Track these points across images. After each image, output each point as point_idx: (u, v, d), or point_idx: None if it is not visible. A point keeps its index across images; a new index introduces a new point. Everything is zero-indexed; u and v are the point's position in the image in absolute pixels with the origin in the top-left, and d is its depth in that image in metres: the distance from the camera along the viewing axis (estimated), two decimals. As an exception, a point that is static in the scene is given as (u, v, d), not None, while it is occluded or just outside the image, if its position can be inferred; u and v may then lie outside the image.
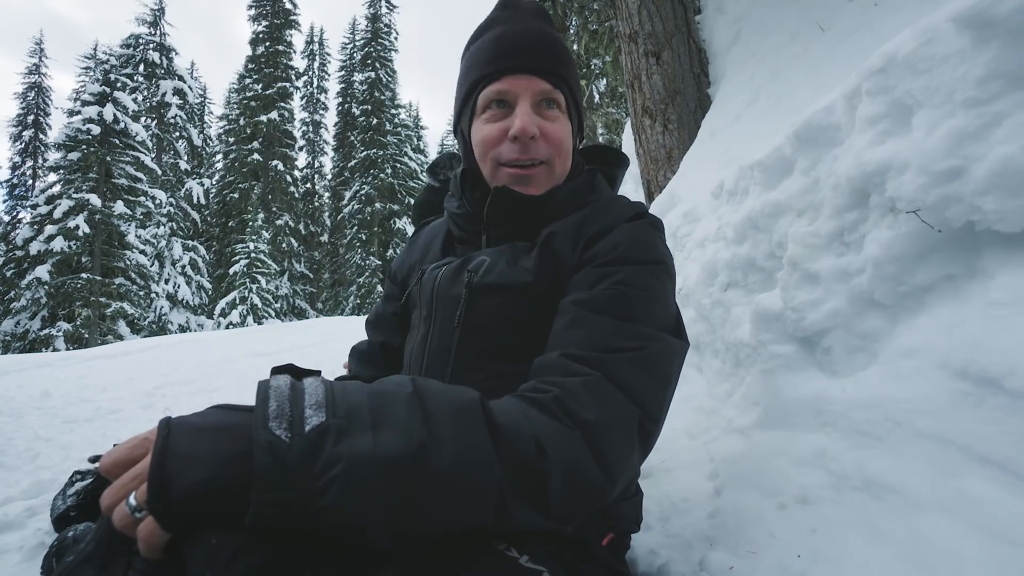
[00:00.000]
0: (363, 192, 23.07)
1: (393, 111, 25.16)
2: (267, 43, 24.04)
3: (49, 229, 14.84)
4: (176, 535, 0.42)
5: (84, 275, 14.95)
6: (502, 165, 0.78)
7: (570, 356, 0.62)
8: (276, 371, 0.54)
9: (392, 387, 0.51)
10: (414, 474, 0.45)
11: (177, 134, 21.42)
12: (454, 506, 0.47)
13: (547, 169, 0.79)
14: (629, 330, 0.63)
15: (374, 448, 0.44)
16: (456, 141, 0.89)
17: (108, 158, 15.96)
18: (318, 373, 0.55)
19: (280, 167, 23.20)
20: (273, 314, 19.37)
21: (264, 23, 24.27)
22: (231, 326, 17.67)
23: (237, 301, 18.77)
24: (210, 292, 20.29)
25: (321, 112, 28.27)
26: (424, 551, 0.51)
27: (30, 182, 24.54)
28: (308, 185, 26.78)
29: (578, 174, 0.87)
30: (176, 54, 21.71)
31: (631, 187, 4.06)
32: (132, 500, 0.42)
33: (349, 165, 24.63)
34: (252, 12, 24.34)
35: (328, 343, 6.30)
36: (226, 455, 0.42)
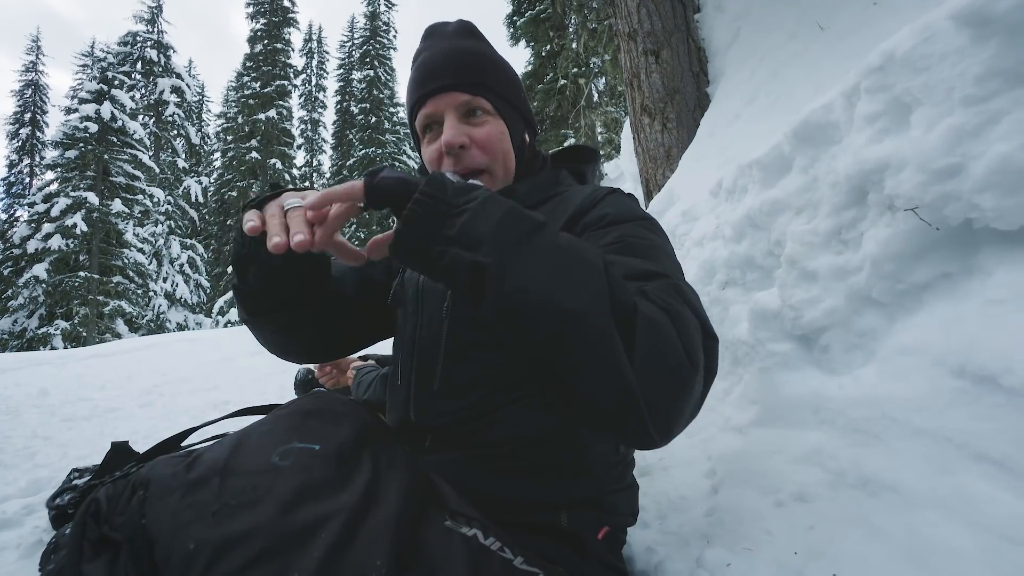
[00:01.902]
0: (362, 190, 23.00)
1: (392, 109, 25.12)
2: (265, 41, 23.97)
3: (47, 227, 14.81)
4: (368, 203, 0.59)
5: (82, 273, 14.92)
6: None
7: (627, 276, 0.62)
8: None
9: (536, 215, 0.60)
10: (533, 232, 0.55)
11: (175, 132, 21.36)
12: (565, 271, 0.53)
13: (488, 177, 0.82)
14: (656, 266, 0.64)
15: (506, 204, 0.57)
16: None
17: (106, 156, 15.92)
18: None
19: (278, 165, 23.14)
20: (271, 313, 19.30)
21: (262, 21, 24.19)
22: (229, 324, 17.65)
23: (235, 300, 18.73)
24: (208, 290, 20.25)
25: (319, 110, 28.21)
26: (410, 552, 0.51)
27: (27, 180, 24.45)
28: (306, 183, 26.73)
29: (539, 170, 0.90)
30: (174, 52, 21.66)
31: (630, 185, 4.07)
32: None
33: (347, 163, 24.58)
34: (250, 10, 24.26)
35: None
36: (410, 183, 0.58)
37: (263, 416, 0.64)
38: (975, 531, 0.67)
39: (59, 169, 15.69)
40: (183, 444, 0.88)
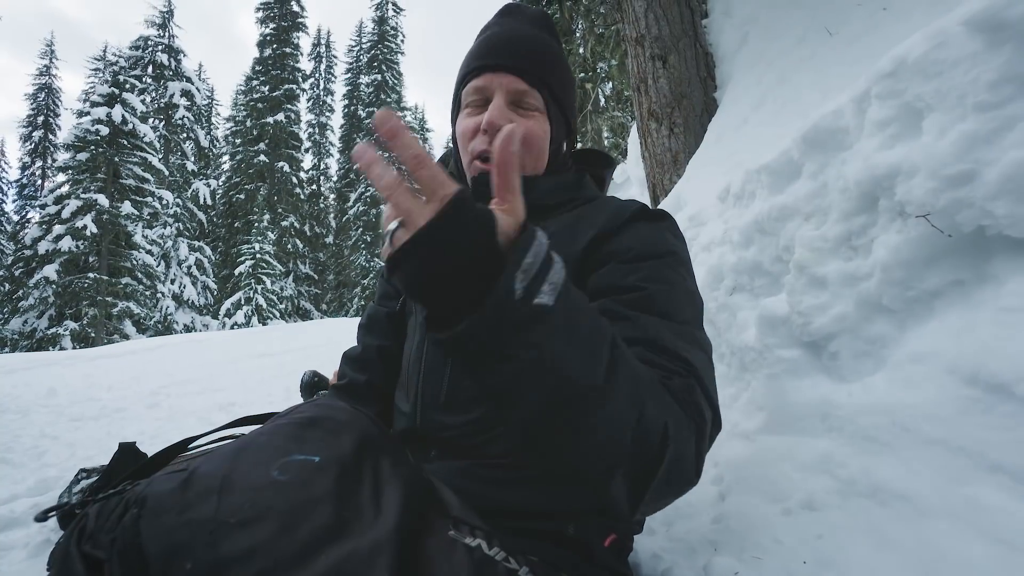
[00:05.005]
0: (368, 194, 23.15)
1: (399, 114, 25.20)
2: (274, 45, 24.21)
3: (57, 229, 14.97)
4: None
5: (91, 275, 15.07)
6: (475, 159, 0.80)
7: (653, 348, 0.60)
8: None
9: (604, 325, 0.50)
10: (570, 407, 0.46)
11: (184, 135, 21.58)
12: (592, 444, 0.47)
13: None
14: (680, 342, 0.62)
15: (562, 360, 0.45)
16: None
17: (116, 159, 16.10)
18: None
19: (286, 168, 23.32)
20: (278, 315, 19.44)
21: (272, 25, 24.45)
22: (236, 326, 17.74)
23: (242, 302, 18.85)
24: (215, 292, 20.39)
25: (327, 114, 28.45)
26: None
27: (39, 182, 24.80)
28: (314, 187, 26.91)
29: (565, 170, 0.88)
30: (184, 56, 21.90)
31: (636, 190, 4.06)
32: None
33: (354, 167, 24.69)
34: (260, 14, 24.54)
35: (332, 344, 6.31)
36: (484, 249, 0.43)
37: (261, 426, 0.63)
38: (987, 542, 0.66)
39: (70, 171, 15.86)
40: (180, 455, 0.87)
